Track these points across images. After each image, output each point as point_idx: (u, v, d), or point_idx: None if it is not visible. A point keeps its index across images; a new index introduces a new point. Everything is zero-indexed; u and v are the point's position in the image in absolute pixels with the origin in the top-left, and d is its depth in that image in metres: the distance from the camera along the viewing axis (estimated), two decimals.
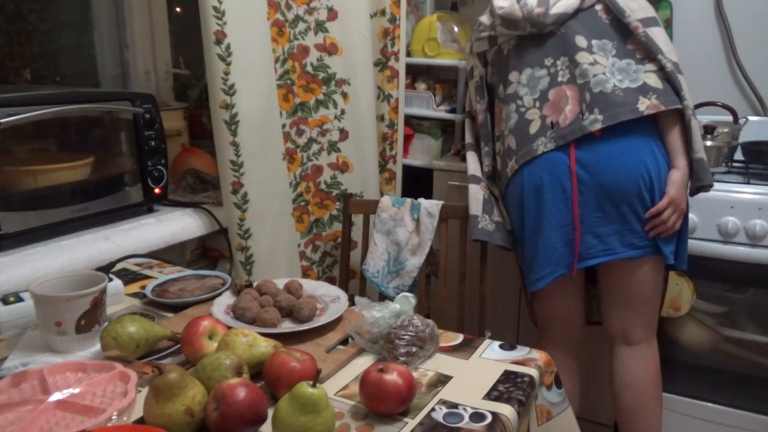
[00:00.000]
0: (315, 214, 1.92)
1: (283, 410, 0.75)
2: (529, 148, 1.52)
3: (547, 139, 1.49)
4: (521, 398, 0.89)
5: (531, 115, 1.54)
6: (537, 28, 1.53)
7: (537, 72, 1.54)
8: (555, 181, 1.48)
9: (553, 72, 1.53)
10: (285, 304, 1.10)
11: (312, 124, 1.84)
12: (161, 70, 2.13)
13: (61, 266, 1.30)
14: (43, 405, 0.78)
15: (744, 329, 1.88)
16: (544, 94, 1.53)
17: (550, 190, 1.49)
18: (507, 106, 1.60)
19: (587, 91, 1.47)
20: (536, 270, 1.54)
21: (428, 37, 2.28)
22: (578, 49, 1.50)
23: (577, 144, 1.46)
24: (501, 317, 2.16)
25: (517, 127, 1.56)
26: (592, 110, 1.45)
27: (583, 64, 1.48)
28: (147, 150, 1.56)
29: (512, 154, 1.56)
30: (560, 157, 1.47)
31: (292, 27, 1.74)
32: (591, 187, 1.45)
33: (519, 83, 1.57)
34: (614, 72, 1.47)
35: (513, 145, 1.56)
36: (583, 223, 1.47)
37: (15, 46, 1.82)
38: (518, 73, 1.58)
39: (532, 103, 1.54)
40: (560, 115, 1.49)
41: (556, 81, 1.52)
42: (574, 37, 1.51)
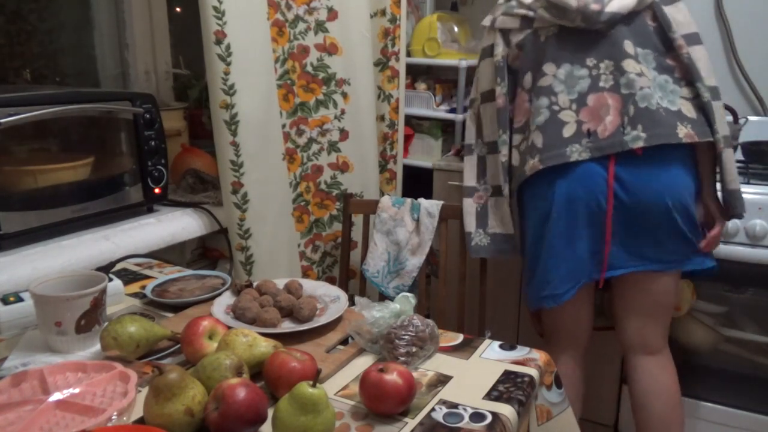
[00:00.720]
0: (315, 214, 1.92)
1: (283, 410, 0.75)
2: (560, 152, 1.43)
3: (583, 148, 1.41)
4: (521, 398, 0.89)
5: (565, 117, 1.44)
6: (586, 23, 1.42)
7: (577, 70, 1.44)
8: (591, 195, 1.41)
9: (595, 75, 1.43)
10: (285, 304, 1.10)
11: (312, 124, 1.84)
12: (161, 70, 2.13)
13: (61, 266, 1.30)
14: (43, 405, 0.78)
15: (744, 329, 1.88)
16: (583, 97, 1.43)
17: (584, 204, 1.42)
18: (537, 99, 1.48)
19: (632, 104, 1.39)
20: (559, 284, 1.48)
21: (428, 37, 2.28)
22: (626, 56, 1.41)
23: (617, 159, 1.40)
24: (501, 317, 2.16)
25: (547, 126, 1.45)
26: (635, 126, 1.38)
27: (630, 73, 1.40)
28: (147, 150, 1.56)
29: (536, 153, 1.46)
30: (598, 171, 1.41)
31: (292, 27, 1.74)
32: (626, 204, 1.41)
33: (555, 78, 1.46)
34: (655, 88, 1.41)
35: (539, 143, 1.46)
36: (613, 236, 1.44)
37: (15, 46, 1.82)
38: (555, 66, 1.46)
39: (567, 104, 1.44)
40: (599, 124, 1.41)
41: (597, 86, 1.43)
42: (623, 42, 1.42)
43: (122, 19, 2.03)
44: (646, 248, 1.44)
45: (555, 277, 1.48)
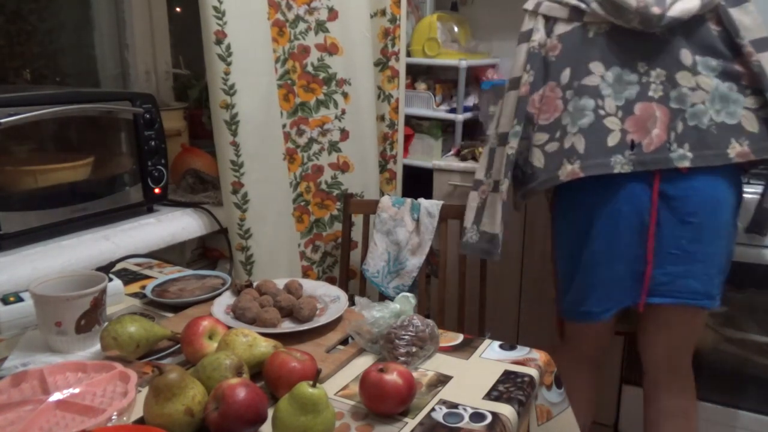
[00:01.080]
0: (315, 214, 1.92)
1: (283, 410, 0.75)
2: (604, 162, 1.34)
3: (625, 160, 1.33)
4: (521, 398, 0.89)
5: (611, 124, 1.35)
6: (643, 26, 1.33)
7: (627, 75, 1.36)
8: (634, 213, 1.35)
9: (645, 82, 1.35)
10: (285, 304, 1.10)
11: (312, 124, 1.84)
12: (161, 70, 2.13)
13: (61, 266, 1.30)
14: (43, 405, 0.78)
15: (744, 329, 1.88)
16: (630, 105, 1.35)
17: (626, 220, 1.35)
18: (578, 99, 1.38)
19: (680, 121, 1.32)
20: (598, 302, 1.42)
21: (428, 37, 2.28)
22: (681, 67, 1.33)
23: (662, 176, 1.33)
24: (501, 317, 2.16)
25: (591, 130, 1.36)
26: (682, 144, 1.31)
27: (682, 87, 1.32)
28: (147, 150, 1.56)
29: (575, 158, 1.36)
30: (642, 187, 1.34)
31: (293, 27, 1.74)
32: (670, 222, 1.34)
33: (604, 80, 1.37)
34: (714, 99, 1.32)
35: (580, 148, 1.36)
36: (656, 257, 1.36)
37: (15, 46, 1.82)
38: (603, 66, 1.37)
39: (614, 110, 1.35)
40: (645, 136, 1.33)
41: (646, 94, 1.34)
42: (679, 51, 1.33)
43: (122, 19, 2.03)
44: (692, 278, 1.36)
45: (592, 296, 1.42)
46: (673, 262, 1.36)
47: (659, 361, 1.53)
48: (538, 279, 2.11)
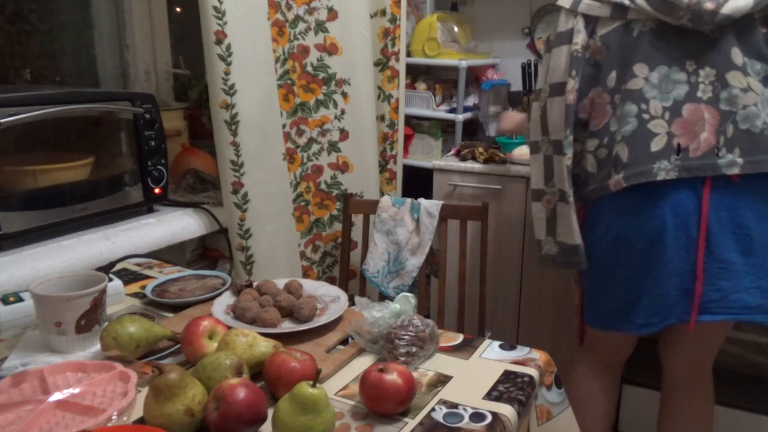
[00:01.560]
0: (315, 214, 1.92)
1: (283, 410, 0.75)
2: (647, 169, 1.28)
3: (671, 165, 1.26)
4: (521, 398, 0.89)
5: (656, 128, 1.28)
6: (693, 24, 1.25)
7: (674, 74, 1.28)
8: (681, 224, 1.27)
9: (694, 82, 1.27)
10: (285, 304, 1.10)
11: (312, 124, 1.84)
12: (161, 70, 2.13)
13: (61, 266, 1.30)
14: (43, 405, 0.78)
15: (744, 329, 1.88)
16: (678, 106, 1.27)
17: (673, 233, 1.27)
18: (623, 105, 1.31)
19: (731, 123, 1.25)
20: (640, 314, 1.35)
21: (428, 37, 2.28)
22: (732, 66, 1.26)
23: (712, 184, 1.25)
24: (501, 317, 2.17)
25: (634, 137, 1.29)
26: (732, 149, 1.24)
27: (734, 88, 1.25)
28: (147, 150, 1.56)
29: (620, 167, 1.31)
30: (689, 197, 1.26)
31: (293, 27, 1.74)
32: (721, 235, 1.26)
33: (648, 81, 1.29)
34: (765, 104, 1.25)
35: (624, 157, 1.30)
36: (704, 272, 1.28)
37: (15, 46, 1.82)
38: (648, 67, 1.29)
39: (660, 112, 1.28)
40: (692, 140, 1.25)
41: (695, 95, 1.27)
42: (730, 50, 1.26)
43: (122, 19, 2.03)
44: (744, 292, 1.28)
45: (636, 309, 1.36)
46: (723, 277, 1.28)
47: (682, 370, 1.49)
48: (538, 279, 2.11)
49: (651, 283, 1.32)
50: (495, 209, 2.11)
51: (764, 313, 1.29)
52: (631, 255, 1.33)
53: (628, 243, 1.33)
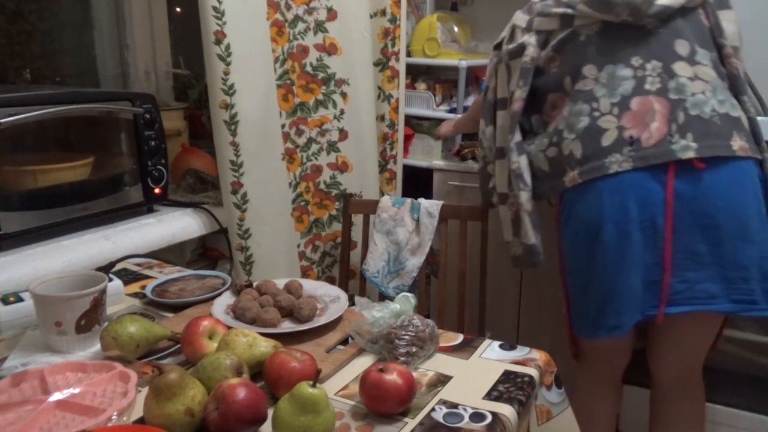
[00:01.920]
0: (315, 214, 1.92)
1: (283, 410, 0.75)
2: (599, 164, 1.29)
3: (624, 157, 1.27)
4: (521, 398, 0.89)
5: (605, 123, 1.30)
6: (633, 18, 1.30)
7: (620, 70, 1.31)
8: (646, 214, 1.26)
9: (641, 76, 1.30)
10: (285, 304, 1.10)
11: (311, 124, 1.84)
12: (161, 70, 2.13)
13: (61, 266, 1.30)
14: (43, 405, 0.78)
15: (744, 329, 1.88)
16: (626, 100, 1.29)
17: (638, 224, 1.26)
18: (574, 105, 1.35)
19: (681, 111, 1.26)
20: (610, 316, 1.32)
21: (428, 37, 2.28)
22: (677, 57, 1.29)
23: (676, 173, 1.25)
24: (501, 317, 2.17)
25: (586, 134, 1.32)
26: (684, 134, 1.25)
27: (680, 77, 1.28)
28: (147, 150, 1.56)
29: (575, 164, 1.33)
30: (654, 187, 1.26)
31: (292, 27, 1.74)
32: (688, 224, 1.25)
33: (597, 81, 1.33)
34: (716, 90, 1.28)
35: (577, 154, 1.33)
36: (672, 263, 1.27)
37: (15, 46, 1.82)
38: (596, 68, 1.33)
39: (608, 109, 1.30)
40: (643, 131, 1.27)
41: (643, 88, 1.29)
42: (674, 42, 1.30)
43: (122, 19, 2.03)
44: (711, 282, 1.27)
45: (606, 310, 1.33)
46: (690, 268, 1.27)
47: (669, 374, 1.47)
48: (538, 279, 2.11)
49: (619, 279, 1.30)
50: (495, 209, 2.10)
51: (730, 302, 1.27)
52: (600, 250, 1.31)
53: (596, 237, 1.31)
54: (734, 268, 1.26)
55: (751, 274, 1.27)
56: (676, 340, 1.42)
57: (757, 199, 1.28)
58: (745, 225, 1.26)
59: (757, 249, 1.27)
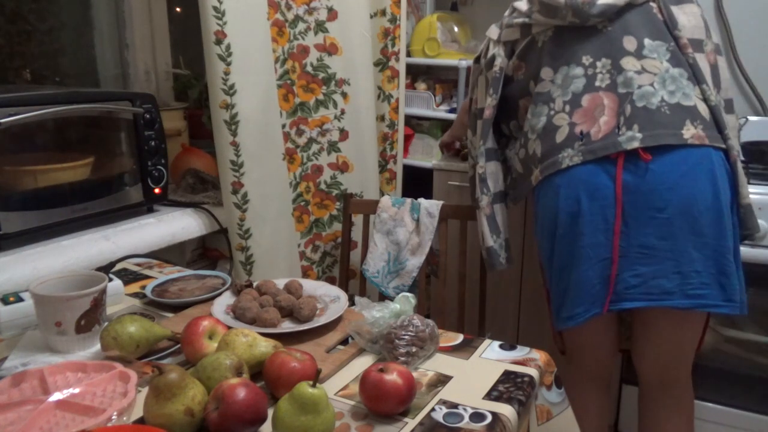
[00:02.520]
0: (315, 214, 1.92)
1: (283, 410, 0.75)
2: (554, 160, 1.33)
3: (575, 152, 1.30)
4: (521, 398, 0.89)
5: (558, 121, 1.35)
6: (579, 19, 1.34)
7: (572, 70, 1.35)
8: (596, 207, 1.28)
9: (591, 74, 1.33)
10: (285, 304, 1.10)
11: (312, 124, 1.84)
12: (161, 70, 2.13)
13: (61, 266, 1.30)
14: (43, 405, 0.78)
15: (744, 329, 1.88)
16: (577, 98, 1.33)
17: (589, 217, 1.28)
18: (535, 107, 1.41)
19: (628, 104, 1.29)
20: (568, 307, 1.35)
21: (428, 37, 2.28)
22: (624, 53, 1.32)
23: (625, 166, 1.26)
24: (501, 317, 2.17)
25: (543, 132, 1.37)
26: (631, 126, 1.27)
27: (628, 72, 1.30)
28: (147, 150, 1.56)
29: (537, 162, 1.38)
30: (603, 180, 1.27)
31: (292, 27, 1.74)
32: (638, 217, 1.26)
33: (553, 83, 1.38)
34: (665, 81, 1.30)
35: (538, 152, 1.38)
36: (624, 258, 1.27)
37: (15, 46, 1.82)
38: (552, 70, 1.39)
39: (561, 107, 1.35)
40: (593, 125, 1.30)
41: (593, 85, 1.33)
42: (622, 38, 1.33)
43: (122, 19, 2.03)
44: (665, 278, 1.26)
45: (565, 299, 1.35)
46: (643, 263, 1.27)
47: (651, 373, 1.47)
48: (538, 279, 2.11)
49: (573, 271, 1.32)
50: None
51: (684, 298, 1.26)
52: (557, 242, 1.35)
53: (554, 232, 1.35)
54: (688, 263, 1.25)
55: (706, 268, 1.26)
56: (653, 338, 1.41)
57: (714, 189, 1.26)
58: (697, 218, 1.24)
59: (712, 242, 1.26)
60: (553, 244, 1.36)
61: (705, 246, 1.26)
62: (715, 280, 1.27)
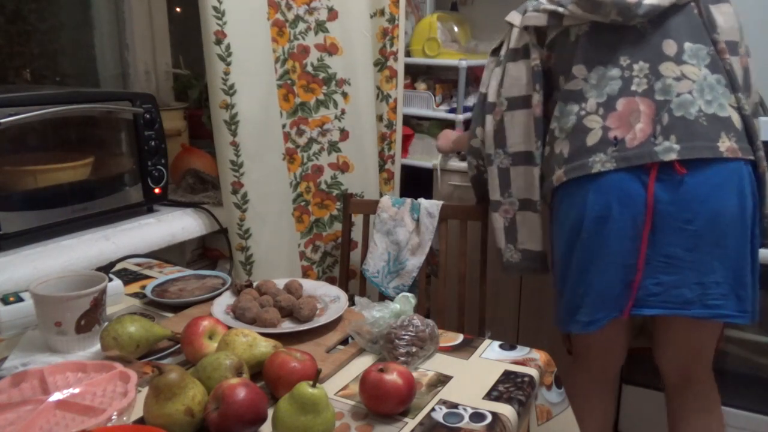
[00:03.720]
0: (315, 214, 1.92)
1: (283, 410, 0.75)
2: (583, 163, 1.30)
3: (608, 157, 1.27)
4: (521, 398, 0.89)
5: (591, 123, 1.31)
6: (623, 18, 1.29)
7: (609, 71, 1.31)
8: (626, 214, 1.26)
9: (628, 77, 1.30)
10: (285, 304, 1.10)
11: (312, 124, 1.84)
12: (161, 70, 2.13)
13: (61, 266, 1.30)
14: (43, 405, 0.78)
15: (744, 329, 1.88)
16: (612, 100, 1.30)
17: (618, 224, 1.27)
18: (565, 104, 1.37)
19: (666, 112, 1.26)
20: (587, 311, 1.34)
21: (428, 37, 2.28)
22: (664, 58, 1.29)
23: (658, 176, 1.24)
24: (501, 317, 2.17)
25: (573, 133, 1.34)
26: (668, 136, 1.24)
27: (666, 78, 1.27)
28: (147, 150, 1.56)
29: (561, 163, 1.35)
30: (636, 188, 1.26)
31: (293, 27, 1.74)
32: (666, 227, 1.25)
33: (587, 82, 1.34)
34: (703, 90, 1.27)
35: (565, 152, 1.35)
36: (648, 265, 1.27)
37: (15, 46, 1.81)
38: (586, 68, 1.34)
39: (594, 108, 1.31)
40: (628, 132, 1.27)
41: (629, 89, 1.29)
42: (662, 42, 1.30)
43: (122, 19, 2.03)
44: (686, 287, 1.27)
45: (584, 303, 1.34)
46: (666, 272, 1.27)
47: (676, 375, 1.48)
48: (538, 279, 2.11)
49: (596, 275, 1.32)
50: None
51: (703, 308, 1.28)
52: (580, 246, 1.33)
53: (577, 234, 1.33)
54: (709, 274, 1.26)
55: (726, 279, 1.27)
56: (674, 340, 1.43)
57: (743, 202, 1.26)
58: (723, 231, 1.25)
59: (733, 254, 1.27)
60: (574, 246, 1.34)
61: (726, 257, 1.27)
62: (733, 291, 1.28)
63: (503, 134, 1.51)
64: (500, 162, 1.52)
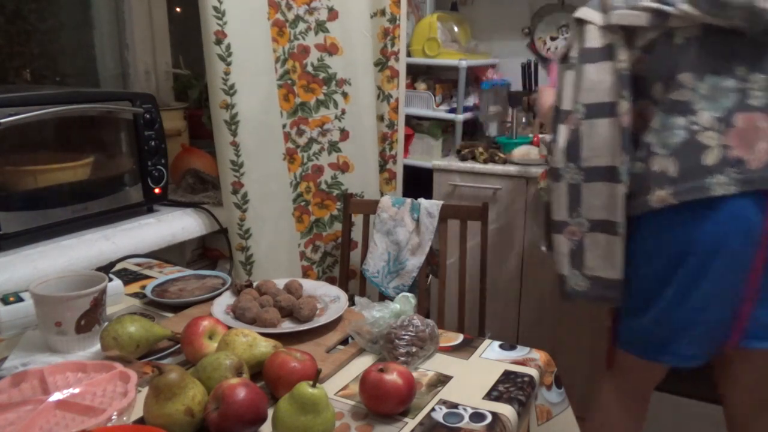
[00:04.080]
0: (315, 214, 1.92)
1: (283, 410, 0.75)
2: (700, 184, 1.17)
3: (729, 180, 1.15)
4: (521, 398, 0.89)
5: (707, 140, 1.17)
6: (749, 24, 1.15)
7: (723, 81, 1.18)
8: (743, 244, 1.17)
9: (744, 89, 1.17)
10: (285, 304, 1.10)
11: (312, 124, 1.84)
12: (161, 70, 2.13)
13: (61, 266, 1.30)
14: (43, 405, 0.78)
15: None
16: (730, 115, 1.17)
17: (734, 256, 1.17)
18: (668, 116, 1.22)
19: None
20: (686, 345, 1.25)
21: (428, 37, 2.28)
22: None
23: None
24: (501, 317, 2.17)
25: (683, 150, 1.19)
26: None
27: None
28: (147, 150, 1.56)
29: (666, 183, 1.20)
30: (754, 215, 1.15)
31: (293, 27, 1.74)
32: None
33: (696, 92, 1.19)
34: None
35: (671, 171, 1.20)
36: (761, 295, 1.19)
37: (15, 46, 1.82)
38: (694, 76, 1.20)
39: (711, 123, 1.17)
40: (749, 151, 1.15)
41: (746, 102, 1.17)
42: None
43: (122, 19, 2.03)
44: None
45: (682, 338, 1.25)
46: None
47: (745, 405, 1.41)
48: (538, 279, 2.11)
49: (704, 311, 1.21)
50: (495, 209, 2.11)
51: None
52: (683, 277, 1.21)
53: (679, 266, 1.21)
54: None
55: None
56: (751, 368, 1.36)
57: None
58: None
59: None
60: (672, 276, 1.23)
61: None
62: None
63: (578, 146, 1.31)
64: (571, 178, 1.33)
